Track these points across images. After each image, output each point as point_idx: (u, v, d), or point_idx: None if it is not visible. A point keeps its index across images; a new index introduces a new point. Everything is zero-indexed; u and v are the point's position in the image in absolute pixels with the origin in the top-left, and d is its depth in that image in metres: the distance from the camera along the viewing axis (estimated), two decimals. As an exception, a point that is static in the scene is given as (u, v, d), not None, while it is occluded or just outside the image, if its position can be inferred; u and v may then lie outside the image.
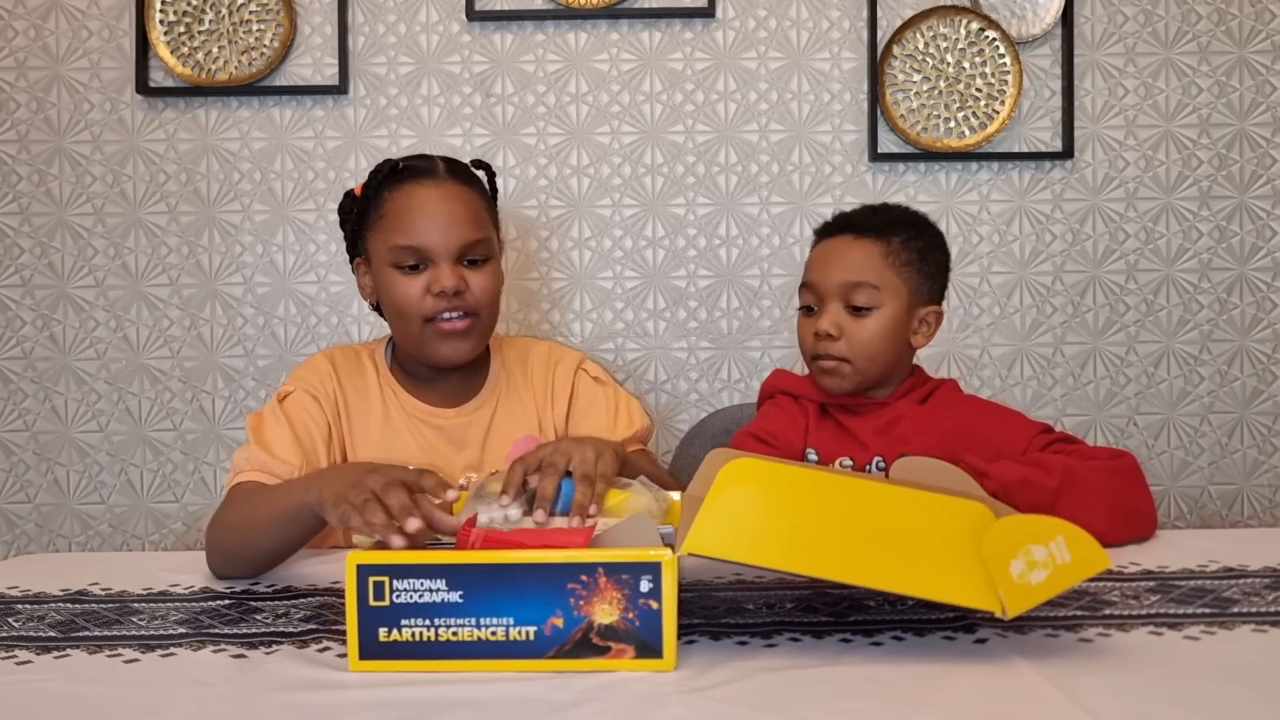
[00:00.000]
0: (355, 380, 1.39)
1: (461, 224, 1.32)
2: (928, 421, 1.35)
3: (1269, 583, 1.02)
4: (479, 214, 1.36)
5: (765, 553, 0.82)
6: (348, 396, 1.37)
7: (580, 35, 1.98)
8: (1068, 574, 0.81)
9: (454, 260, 1.32)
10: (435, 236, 1.31)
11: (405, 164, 1.37)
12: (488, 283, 1.34)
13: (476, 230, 1.34)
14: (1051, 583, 0.81)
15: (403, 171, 1.35)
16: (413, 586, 0.80)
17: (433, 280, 1.31)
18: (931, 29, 1.96)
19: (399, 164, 1.37)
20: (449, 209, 1.32)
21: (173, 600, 1.04)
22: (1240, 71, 1.99)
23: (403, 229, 1.32)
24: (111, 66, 1.97)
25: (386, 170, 1.36)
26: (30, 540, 2.00)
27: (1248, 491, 2.03)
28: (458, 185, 1.35)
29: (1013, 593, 0.81)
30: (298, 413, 1.32)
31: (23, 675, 0.84)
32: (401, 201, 1.33)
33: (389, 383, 1.40)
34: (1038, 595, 0.81)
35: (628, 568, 0.79)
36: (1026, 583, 0.81)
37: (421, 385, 1.41)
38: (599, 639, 0.80)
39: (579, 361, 1.49)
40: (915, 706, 0.74)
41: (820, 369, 1.36)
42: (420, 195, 1.33)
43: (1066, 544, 0.81)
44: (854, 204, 1.94)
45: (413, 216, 1.32)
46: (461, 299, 1.32)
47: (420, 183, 1.33)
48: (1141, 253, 2.00)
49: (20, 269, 1.99)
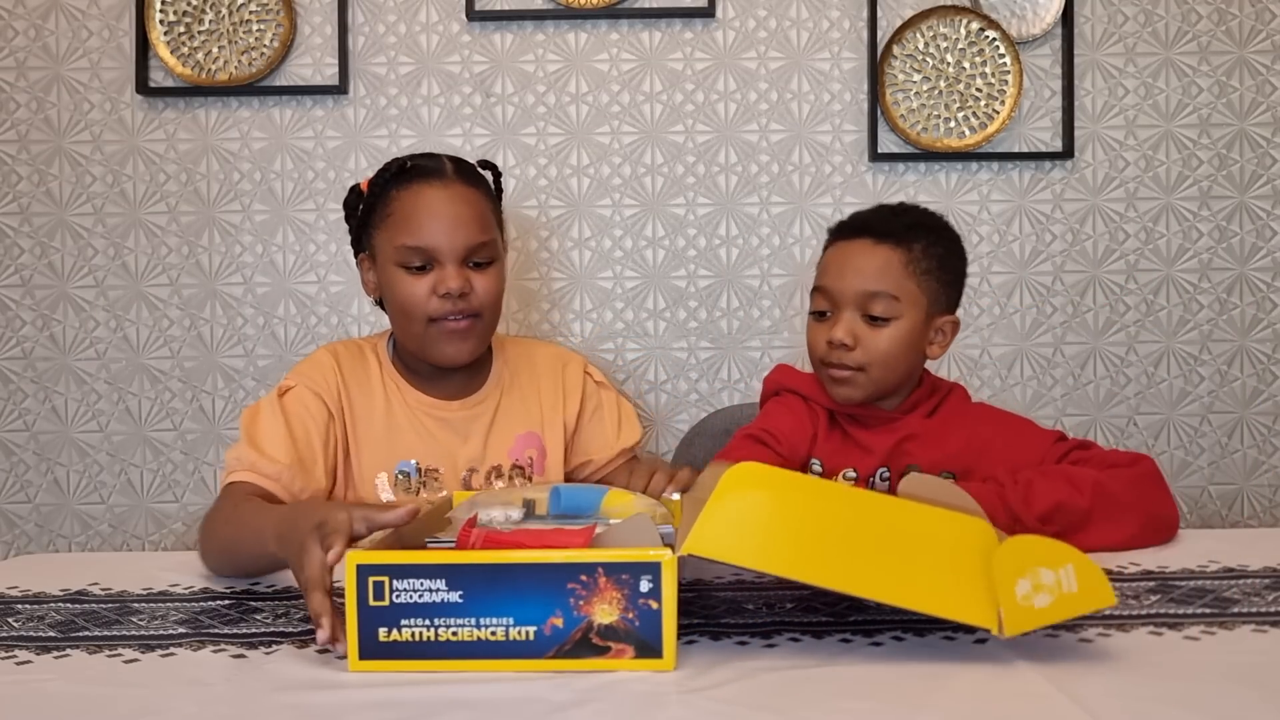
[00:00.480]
0: (359, 374, 1.39)
1: (468, 226, 1.33)
2: (938, 437, 1.32)
3: (1269, 583, 1.02)
4: (485, 216, 1.36)
5: (765, 558, 0.82)
6: (351, 391, 1.37)
7: (580, 35, 1.98)
8: (1071, 604, 0.81)
9: (459, 262, 1.32)
10: (442, 238, 1.32)
11: (413, 163, 1.37)
12: (492, 285, 1.35)
13: (482, 233, 1.34)
14: (1054, 610, 0.80)
15: (411, 171, 1.36)
16: (413, 586, 0.80)
17: (438, 281, 1.32)
18: (931, 29, 1.96)
19: (407, 162, 1.37)
20: (456, 211, 1.33)
21: (173, 600, 1.04)
22: (1240, 71, 1.99)
23: (410, 229, 1.32)
24: (111, 66, 1.97)
25: (395, 168, 1.37)
26: (30, 540, 2.00)
27: (1248, 491, 2.03)
28: (465, 187, 1.36)
29: (1014, 612, 0.80)
30: (296, 409, 1.32)
31: (23, 675, 0.84)
32: (409, 201, 1.33)
33: (392, 376, 1.41)
34: (1038, 620, 0.80)
35: (627, 568, 0.79)
36: (1030, 605, 0.80)
37: (423, 380, 1.41)
38: (599, 639, 0.80)
39: (584, 365, 1.52)
40: (915, 706, 0.74)
41: (832, 378, 1.31)
42: (428, 196, 1.33)
43: (1076, 574, 0.81)
44: (854, 204, 1.96)
45: (420, 217, 1.32)
46: (466, 301, 1.32)
47: (429, 183, 1.34)
48: (1141, 253, 2.00)
49: (20, 269, 1.99)
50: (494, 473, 1.41)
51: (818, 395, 1.36)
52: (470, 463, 1.40)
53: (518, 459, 1.42)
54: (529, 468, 1.42)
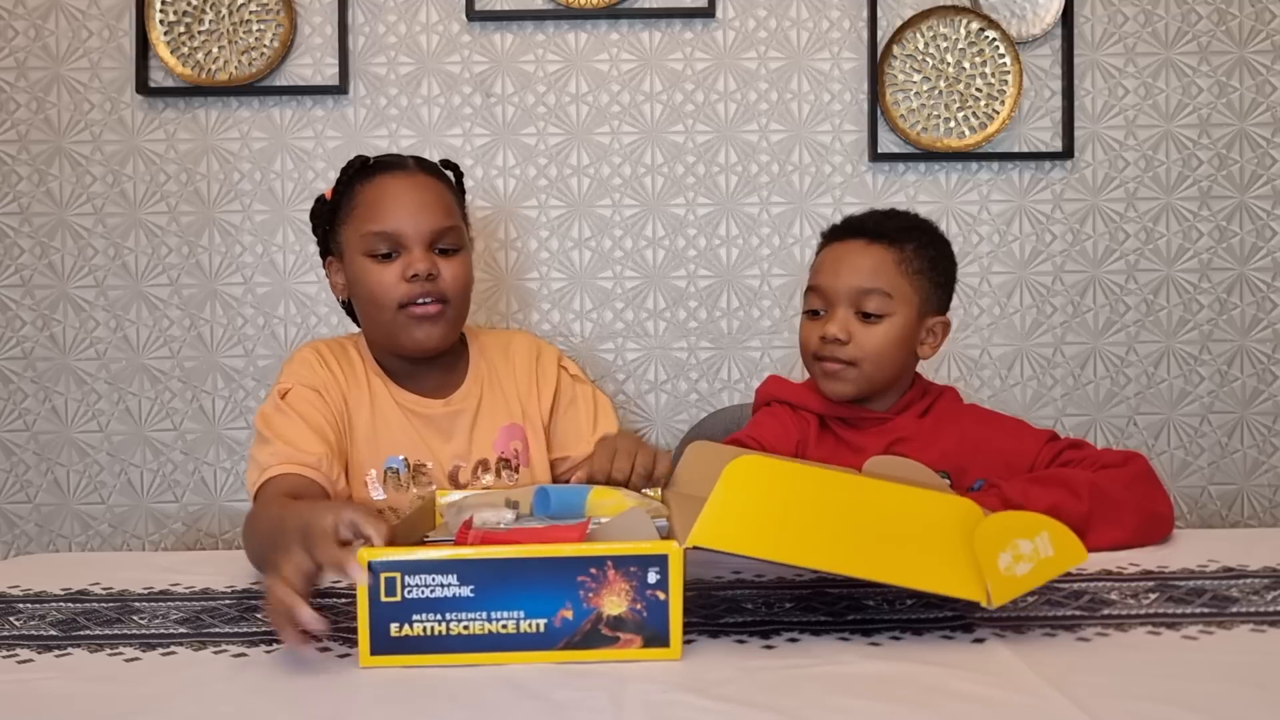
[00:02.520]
0: (346, 369, 1.40)
1: (433, 210, 1.36)
2: (931, 438, 1.34)
3: (1268, 583, 1.02)
4: (449, 204, 1.39)
5: (767, 546, 0.84)
6: (342, 386, 1.38)
7: (580, 35, 1.98)
8: (1050, 567, 0.86)
9: (426, 246, 1.35)
10: (407, 222, 1.34)
11: (375, 160, 1.41)
12: (459, 271, 1.37)
13: (447, 217, 1.37)
14: (1035, 575, 0.86)
15: (374, 166, 1.40)
16: (424, 582, 0.81)
17: (406, 265, 1.33)
18: (931, 29, 1.96)
19: (369, 160, 1.41)
20: (420, 196, 1.36)
21: (173, 599, 1.04)
22: (1240, 71, 1.99)
23: (375, 216, 1.35)
24: (111, 66, 1.97)
25: (357, 165, 1.41)
26: (30, 540, 2.00)
27: (1248, 491, 2.03)
28: (427, 176, 1.39)
29: (999, 584, 0.85)
30: (304, 407, 1.32)
31: (24, 674, 0.84)
32: (373, 192, 1.36)
33: (376, 372, 1.42)
34: (1021, 586, 0.85)
35: (636, 560, 0.81)
36: (1012, 574, 0.85)
37: (403, 378, 1.42)
38: (608, 630, 0.82)
39: (558, 357, 1.52)
40: (914, 706, 0.74)
41: (824, 371, 1.34)
42: (391, 184, 1.37)
43: (1050, 539, 0.87)
44: (854, 204, 1.96)
45: (385, 204, 1.35)
46: (434, 284, 1.34)
47: (391, 174, 1.38)
48: (1141, 253, 2.00)
49: (20, 269, 1.99)
50: (481, 467, 1.41)
51: (807, 402, 1.38)
52: (456, 458, 1.40)
53: (503, 452, 1.42)
54: (515, 459, 1.43)
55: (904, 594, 0.98)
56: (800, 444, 1.37)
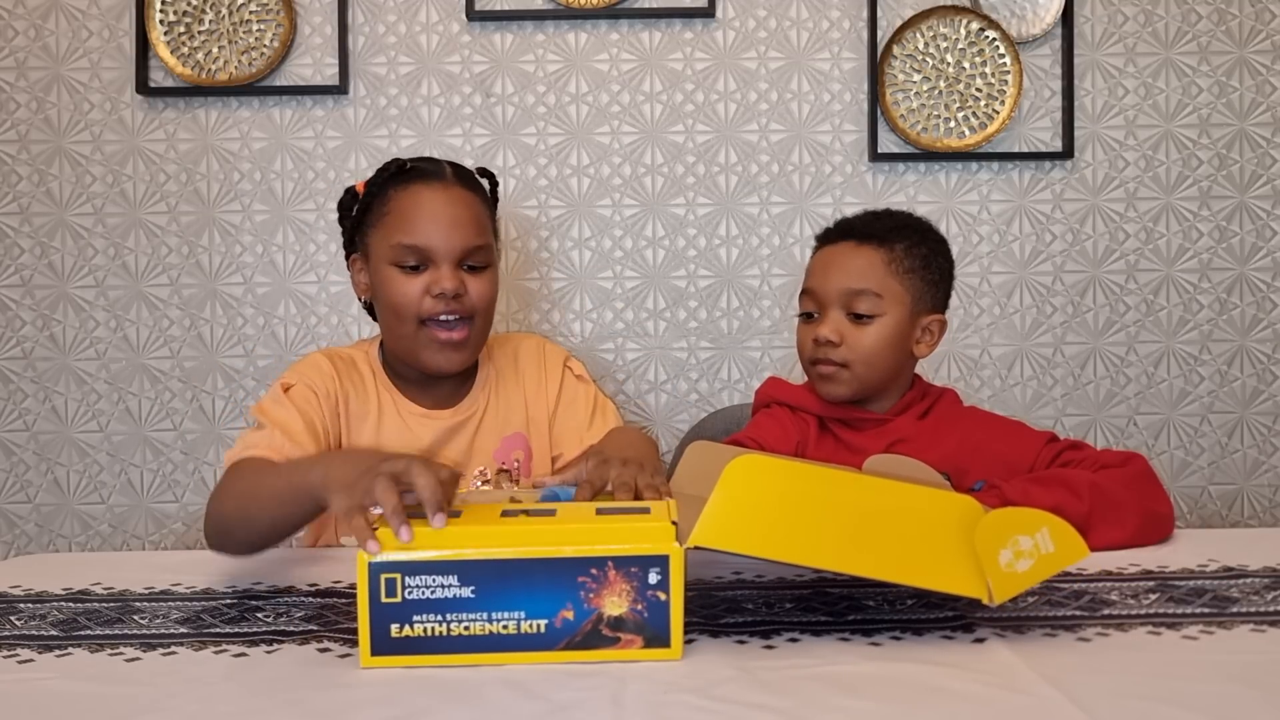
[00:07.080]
0: (354, 380, 1.39)
1: (465, 228, 1.33)
2: (930, 439, 1.34)
3: (1268, 582, 1.02)
4: (482, 220, 1.37)
5: (768, 545, 0.84)
6: (347, 396, 1.37)
7: (580, 35, 1.98)
8: (1051, 563, 0.86)
9: (455, 263, 1.33)
10: (438, 238, 1.32)
11: (413, 164, 1.38)
12: (486, 289, 1.35)
13: (479, 236, 1.35)
14: (1036, 571, 0.86)
15: (410, 172, 1.36)
16: (424, 583, 0.82)
17: (432, 281, 1.32)
18: (931, 29, 1.97)
19: (406, 164, 1.38)
20: (454, 212, 1.33)
21: (174, 599, 1.04)
22: (1240, 71, 1.99)
23: (406, 228, 1.32)
24: (111, 66, 1.97)
25: (394, 169, 1.37)
26: (30, 540, 2.00)
27: (1248, 491, 2.03)
28: (463, 190, 1.36)
29: (1000, 581, 0.85)
30: (303, 405, 1.31)
31: (25, 674, 0.84)
32: (407, 201, 1.34)
33: (384, 383, 1.41)
34: (1023, 583, 0.86)
35: (636, 561, 0.81)
36: (1013, 571, 0.85)
37: (413, 387, 1.41)
38: (609, 630, 0.82)
39: (565, 357, 1.51)
40: (914, 706, 0.74)
41: (819, 374, 1.35)
42: (426, 196, 1.34)
43: (1051, 535, 0.87)
44: (854, 204, 1.96)
45: (417, 216, 1.32)
46: (460, 302, 1.32)
47: (427, 184, 1.35)
48: (1141, 253, 2.00)
49: (20, 269, 1.99)
50: (480, 476, 1.40)
51: (807, 403, 1.39)
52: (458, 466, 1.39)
53: (504, 461, 1.41)
54: (515, 470, 1.42)
55: (904, 594, 0.98)
56: (800, 446, 1.37)
